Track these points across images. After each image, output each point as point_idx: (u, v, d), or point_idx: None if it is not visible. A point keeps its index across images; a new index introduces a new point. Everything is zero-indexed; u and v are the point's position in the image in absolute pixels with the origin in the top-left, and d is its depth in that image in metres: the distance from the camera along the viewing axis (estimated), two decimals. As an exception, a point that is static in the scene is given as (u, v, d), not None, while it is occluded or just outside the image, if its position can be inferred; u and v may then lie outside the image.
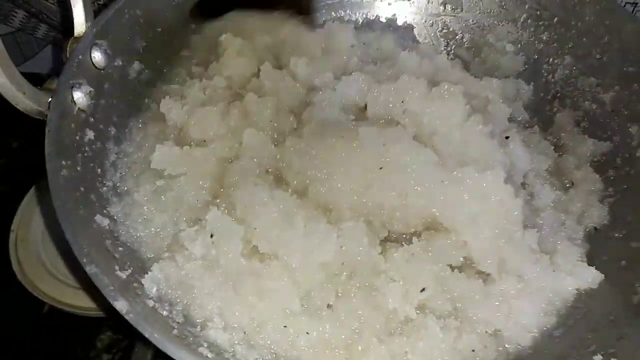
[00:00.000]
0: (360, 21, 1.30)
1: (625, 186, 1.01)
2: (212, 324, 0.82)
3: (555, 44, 1.19)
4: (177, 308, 0.83)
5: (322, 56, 1.13)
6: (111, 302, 0.71)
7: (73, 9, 0.94)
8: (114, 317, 1.08)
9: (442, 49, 1.29)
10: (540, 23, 1.21)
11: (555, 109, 1.17)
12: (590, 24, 1.12)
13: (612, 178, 1.04)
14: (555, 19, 1.18)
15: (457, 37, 1.29)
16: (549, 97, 1.19)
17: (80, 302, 1.13)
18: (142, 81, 1.07)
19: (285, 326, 0.84)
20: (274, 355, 0.83)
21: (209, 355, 0.75)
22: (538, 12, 1.20)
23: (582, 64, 1.15)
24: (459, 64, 1.21)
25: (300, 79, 1.09)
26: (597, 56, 1.12)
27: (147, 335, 0.69)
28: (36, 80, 0.89)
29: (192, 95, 1.07)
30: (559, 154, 1.10)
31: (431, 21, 1.30)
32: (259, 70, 1.11)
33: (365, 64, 1.14)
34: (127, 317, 0.70)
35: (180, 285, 0.85)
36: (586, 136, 1.10)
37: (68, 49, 0.93)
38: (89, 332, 1.12)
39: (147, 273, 0.85)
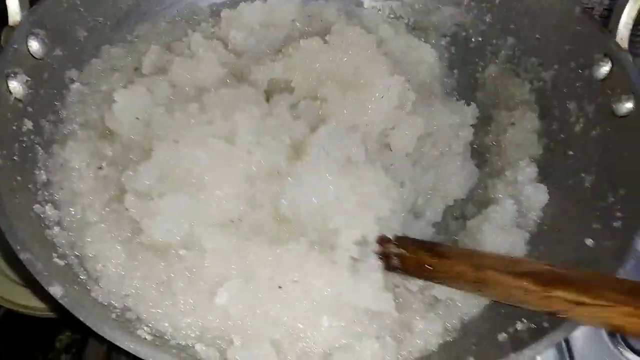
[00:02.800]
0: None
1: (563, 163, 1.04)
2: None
3: (498, 26, 1.21)
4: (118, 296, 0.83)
5: (260, 29, 1.13)
6: (45, 288, 0.71)
7: (5, -4, 0.93)
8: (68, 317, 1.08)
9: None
10: (483, 5, 1.22)
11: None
12: (529, 5, 1.14)
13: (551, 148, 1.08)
14: (497, 0, 1.20)
15: (404, 22, 1.30)
16: (493, 77, 1.21)
17: (37, 303, 1.11)
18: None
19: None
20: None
21: (147, 337, 0.75)
22: (481, -4, 1.22)
23: (523, 44, 1.17)
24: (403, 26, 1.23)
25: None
26: (537, 36, 1.14)
27: (82, 319, 0.69)
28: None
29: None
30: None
31: (379, 6, 1.31)
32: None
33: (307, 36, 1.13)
34: (61, 302, 0.70)
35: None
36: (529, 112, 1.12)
37: (2, 38, 0.92)
38: (47, 334, 1.11)
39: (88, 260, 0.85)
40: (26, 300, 1.11)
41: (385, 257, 0.91)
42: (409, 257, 0.90)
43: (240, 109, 0.92)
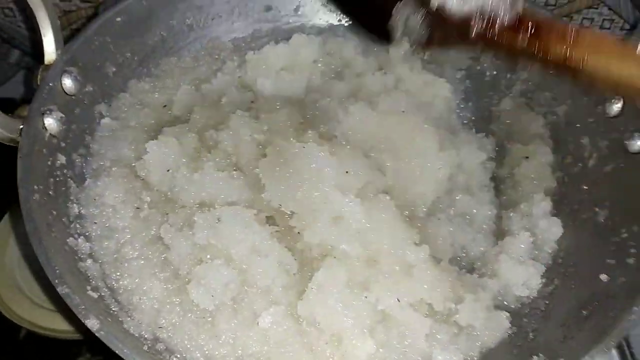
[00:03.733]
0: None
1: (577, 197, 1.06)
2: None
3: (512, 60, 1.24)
4: (149, 328, 0.86)
5: (286, 74, 1.16)
6: (82, 321, 0.74)
7: (43, 38, 0.97)
8: (89, 339, 1.10)
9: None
10: (497, 40, 1.25)
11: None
12: (543, 41, 1.17)
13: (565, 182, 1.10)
14: (512, 36, 1.23)
15: (420, 57, 1.33)
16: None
17: (57, 325, 1.14)
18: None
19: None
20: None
21: (179, 368, 0.78)
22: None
23: (537, 78, 1.19)
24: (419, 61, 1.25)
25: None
26: (551, 71, 1.16)
27: (117, 351, 0.72)
28: (9, 105, 0.93)
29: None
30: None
31: (395, 41, 1.34)
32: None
33: (328, 77, 1.18)
34: (98, 335, 0.73)
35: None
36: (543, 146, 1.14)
37: (39, 76, 0.96)
38: (67, 356, 1.13)
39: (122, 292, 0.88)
40: (47, 322, 1.14)
41: None
42: None
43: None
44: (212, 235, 0.88)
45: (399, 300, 0.88)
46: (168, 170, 0.97)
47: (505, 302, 0.98)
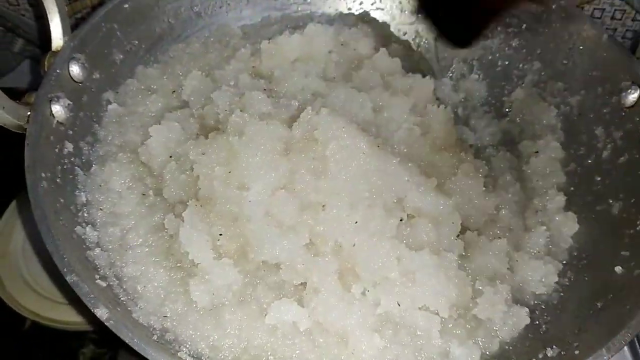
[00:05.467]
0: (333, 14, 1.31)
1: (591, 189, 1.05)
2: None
3: (524, 50, 1.22)
4: (158, 316, 0.85)
5: (300, 64, 1.14)
6: (92, 310, 0.73)
7: (50, 23, 0.96)
8: (99, 330, 1.09)
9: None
10: (509, 30, 1.24)
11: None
12: (556, 31, 1.16)
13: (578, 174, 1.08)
14: (524, 25, 1.21)
15: (429, 45, 1.32)
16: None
17: (62, 316, 1.13)
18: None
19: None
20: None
21: (188, 359, 0.77)
22: (507, 20, 1.23)
23: (550, 69, 1.18)
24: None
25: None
26: (564, 61, 1.15)
27: (127, 341, 0.71)
28: (14, 94, 0.91)
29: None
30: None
31: (405, 30, 1.33)
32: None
33: (342, 69, 1.16)
34: (107, 324, 0.72)
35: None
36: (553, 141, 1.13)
37: (46, 63, 0.95)
38: (71, 347, 1.12)
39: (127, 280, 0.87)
40: (52, 313, 1.14)
41: None
42: None
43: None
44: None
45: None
46: (170, 157, 0.96)
47: (522, 298, 0.96)
